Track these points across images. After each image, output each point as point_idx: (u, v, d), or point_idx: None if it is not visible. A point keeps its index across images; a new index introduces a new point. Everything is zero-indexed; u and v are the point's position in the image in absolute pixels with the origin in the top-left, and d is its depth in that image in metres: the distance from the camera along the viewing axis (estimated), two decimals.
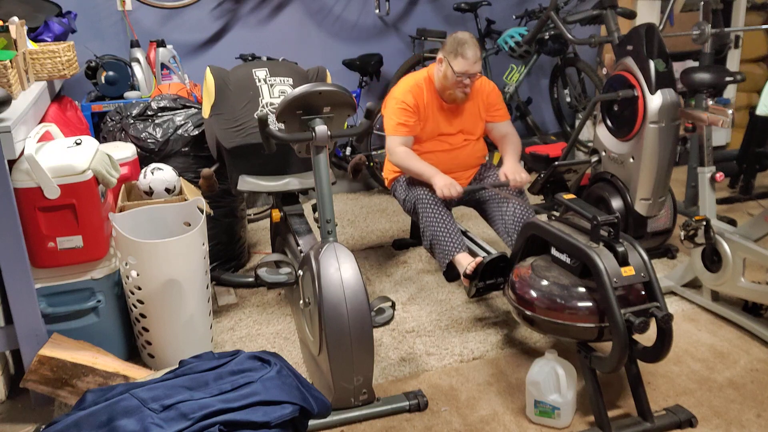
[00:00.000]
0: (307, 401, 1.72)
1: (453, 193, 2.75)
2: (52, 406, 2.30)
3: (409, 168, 2.89)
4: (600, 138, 3.01)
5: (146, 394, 1.64)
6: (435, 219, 2.79)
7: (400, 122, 2.91)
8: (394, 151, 2.91)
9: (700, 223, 2.63)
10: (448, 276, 2.81)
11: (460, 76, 2.82)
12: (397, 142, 2.91)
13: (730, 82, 2.84)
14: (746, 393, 2.27)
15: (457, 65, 2.80)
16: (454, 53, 2.81)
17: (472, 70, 2.82)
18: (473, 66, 2.81)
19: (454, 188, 2.75)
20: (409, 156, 2.89)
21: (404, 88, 2.96)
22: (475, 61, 2.82)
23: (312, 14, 4.27)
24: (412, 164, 2.87)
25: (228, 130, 2.74)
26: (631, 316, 1.89)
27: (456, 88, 2.87)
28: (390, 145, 2.94)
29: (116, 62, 3.52)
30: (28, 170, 2.17)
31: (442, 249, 2.75)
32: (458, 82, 2.84)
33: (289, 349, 2.61)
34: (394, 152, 2.91)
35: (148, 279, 2.32)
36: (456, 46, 2.82)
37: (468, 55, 2.80)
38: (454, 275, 2.79)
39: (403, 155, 2.89)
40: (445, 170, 2.90)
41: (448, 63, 2.84)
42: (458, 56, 2.80)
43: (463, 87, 2.86)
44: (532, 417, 2.15)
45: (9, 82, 2.29)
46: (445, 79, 2.88)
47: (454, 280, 2.84)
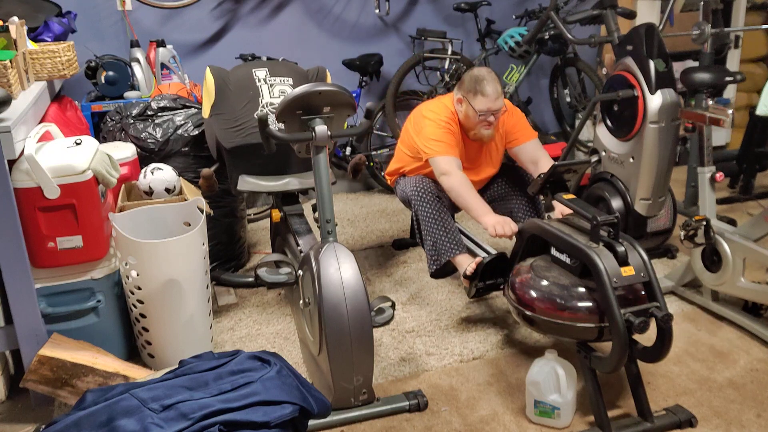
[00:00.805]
0: (307, 401, 1.72)
1: (507, 232, 2.55)
2: (52, 406, 2.30)
3: (461, 197, 2.70)
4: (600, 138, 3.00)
5: (146, 394, 1.64)
6: (431, 215, 2.78)
7: (449, 143, 2.77)
8: (451, 171, 2.72)
9: (700, 223, 2.64)
10: (437, 274, 2.79)
11: (483, 114, 2.73)
12: (453, 164, 2.74)
13: (730, 82, 2.84)
14: (746, 393, 2.27)
15: (478, 104, 2.71)
16: (473, 92, 2.72)
17: (495, 107, 2.72)
18: (495, 102, 2.71)
19: (509, 227, 2.55)
20: (465, 184, 2.71)
21: (441, 116, 2.83)
22: (497, 97, 2.72)
23: (312, 14, 4.27)
24: (466, 195, 2.69)
25: (228, 130, 2.74)
26: (631, 316, 1.89)
27: (480, 126, 2.77)
28: (444, 166, 2.74)
29: (116, 62, 3.52)
30: (28, 170, 2.17)
31: (441, 249, 2.74)
32: (482, 121, 2.75)
33: (289, 349, 2.61)
34: (451, 173, 2.72)
35: (148, 279, 2.32)
36: (474, 84, 2.72)
37: (488, 92, 2.69)
38: (443, 274, 2.78)
39: (460, 181, 2.71)
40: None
41: (468, 103, 2.74)
42: (478, 94, 2.71)
43: (487, 125, 2.77)
44: (532, 417, 2.15)
45: (9, 82, 2.29)
46: (468, 119, 2.78)
47: (441, 277, 2.83)
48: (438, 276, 2.83)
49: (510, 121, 2.94)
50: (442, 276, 2.83)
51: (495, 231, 2.56)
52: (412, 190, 2.84)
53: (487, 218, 2.62)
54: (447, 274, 2.81)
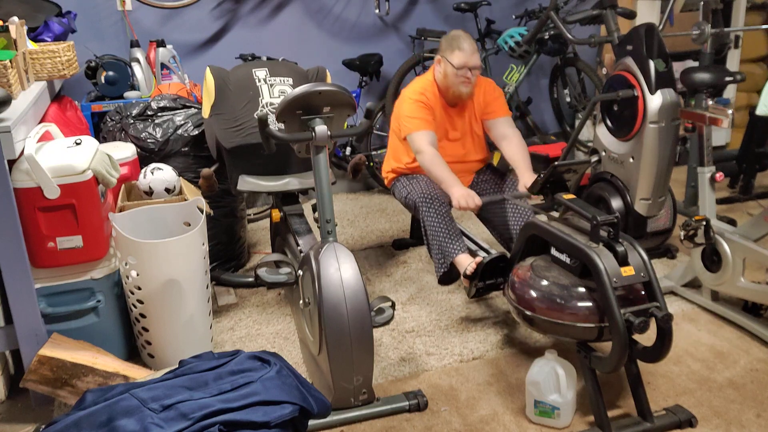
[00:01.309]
0: (307, 401, 1.72)
1: (471, 204, 2.66)
2: (52, 406, 2.30)
3: (433, 172, 2.78)
4: (600, 138, 3.00)
5: (146, 394, 1.64)
6: (436, 221, 2.79)
7: (421, 117, 2.85)
8: (422, 149, 2.79)
9: (700, 223, 2.63)
10: (444, 279, 2.79)
11: (461, 69, 2.81)
12: (424, 140, 2.81)
13: (730, 82, 2.84)
14: (746, 393, 2.27)
15: (456, 58, 2.81)
16: (450, 48, 2.83)
17: (472, 62, 2.81)
18: (472, 57, 2.81)
19: (472, 200, 2.67)
20: (436, 160, 2.78)
21: (417, 88, 2.94)
22: (473, 52, 2.82)
23: (312, 14, 4.27)
24: (437, 169, 2.76)
25: (228, 130, 2.74)
26: (630, 316, 1.89)
27: (459, 83, 2.85)
28: (417, 143, 2.82)
29: (116, 62, 3.52)
30: (28, 170, 2.17)
31: (443, 251, 2.74)
32: (460, 77, 2.83)
33: (289, 349, 2.61)
34: (423, 151, 2.79)
35: (148, 279, 2.32)
36: (451, 41, 2.84)
37: (464, 47, 2.80)
38: (450, 278, 2.78)
39: (431, 157, 2.78)
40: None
41: (446, 60, 2.84)
42: (455, 50, 2.81)
43: (466, 81, 2.84)
44: (532, 417, 2.15)
45: (9, 82, 2.29)
46: (446, 78, 2.87)
47: (449, 283, 2.83)
48: (445, 281, 2.81)
49: (491, 94, 3.03)
50: (450, 282, 2.81)
51: (458, 203, 2.67)
52: (420, 198, 2.84)
53: (455, 190, 2.72)
54: (453, 279, 2.79)
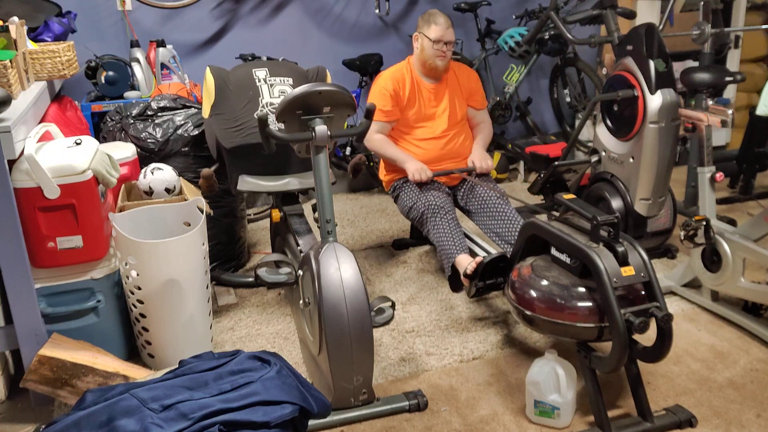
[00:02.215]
0: (307, 401, 1.72)
1: (423, 177, 2.89)
2: (52, 406, 2.30)
3: (384, 154, 3.03)
4: (600, 138, 3.01)
5: (146, 394, 1.64)
6: (442, 227, 2.80)
7: (381, 108, 2.96)
8: (370, 137, 3.00)
9: (700, 223, 2.63)
10: (454, 285, 2.79)
11: (437, 42, 2.93)
12: (373, 128, 2.98)
13: (730, 82, 2.84)
14: (746, 393, 2.27)
15: (432, 32, 2.93)
16: (427, 24, 2.96)
17: (447, 36, 2.94)
18: (447, 31, 2.94)
19: (425, 173, 2.90)
20: (384, 143, 3.01)
21: (386, 75, 3.06)
22: (448, 27, 2.95)
23: (312, 14, 4.27)
24: (387, 151, 3.01)
25: (228, 130, 2.74)
26: (631, 316, 1.89)
27: (435, 57, 2.96)
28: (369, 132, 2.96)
29: (116, 62, 3.52)
30: (28, 170, 2.17)
31: (447, 254, 2.75)
32: (436, 50, 2.95)
33: (289, 349, 2.61)
34: (370, 139, 3.01)
35: (148, 279, 2.32)
36: (427, 17, 2.97)
37: (440, 21, 2.94)
38: (459, 284, 2.77)
39: (378, 142, 3.01)
40: (435, 159, 3.01)
41: (423, 35, 2.97)
42: (431, 24, 2.94)
43: (442, 55, 2.96)
44: (532, 417, 2.15)
45: (9, 82, 2.29)
46: (423, 51, 2.99)
47: (459, 290, 2.81)
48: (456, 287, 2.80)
49: (475, 83, 3.18)
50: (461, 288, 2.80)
51: (413, 177, 2.90)
52: (425, 208, 2.88)
53: (409, 164, 2.94)
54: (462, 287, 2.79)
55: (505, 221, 2.87)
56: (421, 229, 2.95)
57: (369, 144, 3.03)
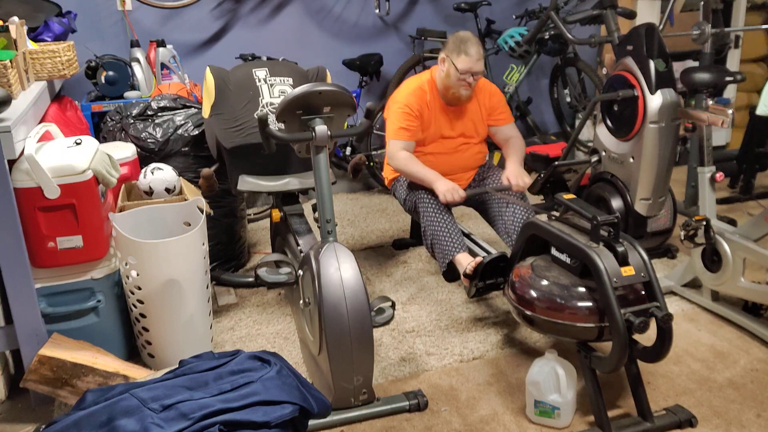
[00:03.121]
0: (307, 401, 1.72)
1: (456, 198, 2.73)
2: (52, 406, 2.30)
3: (411, 173, 2.87)
4: (600, 138, 3.01)
5: (146, 394, 1.64)
6: (436, 219, 2.80)
7: (402, 126, 2.88)
8: (395, 155, 2.88)
9: (700, 223, 2.63)
10: (448, 276, 2.81)
11: (464, 74, 2.81)
12: (398, 146, 2.88)
13: (730, 82, 2.84)
14: (746, 393, 2.27)
15: (461, 63, 2.80)
16: (457, 51, 2.81)
17: (476, 68, 2.82)
18: (477, 64, 2.81)
19: (457, 193, 2.74)
20: (410, 161, 2.86)
21: (407, 91, 2.94)
22: (479, 59, 2.82)
23: (312, 14, 4.27)
24: (414, 169, 2.85)
25: (228, 130, 2.74)
26: (631, 316, 1.89)
27: (460, 87, 2.85)
28: (391, 149, 2.91)
29: (116, 62, 3.52)
30: (28, 170, 2.17)
31: (443, 249, 2.75)
32: (461, 81, 2.83)
33: (289, 349, 2.61)
34: (395, 157, 2.88)
35: (148, 279, 2.32)
36: (459, 43, 2.82)
37: (471, 53, 2.79)
38: (454, 276, 2.79)
39: (404, 160, 2.86)
40: (445, 172, 2.90)
41: (450, 61, 2.83)
42: (461, 54, 2.80)
43: (466, 85, 2.85)
44: (532, 417, 2.15)
45: (9, 82, 2.29)
46: (448, 78, 2.86)
47: (454, 280, 2.84)
48: (451, 278, 2.82)
49: (497, 100, 3.06)
50: (455, 278, 2.82)
51: (444, 198, 2.74)
52: (420, 202, 2.87)
53: (438, 184, 2.77)
54: (458, 276, 2.80)
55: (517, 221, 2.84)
56: (417, 219, 2.92)
57: (393, 162, 2.89)
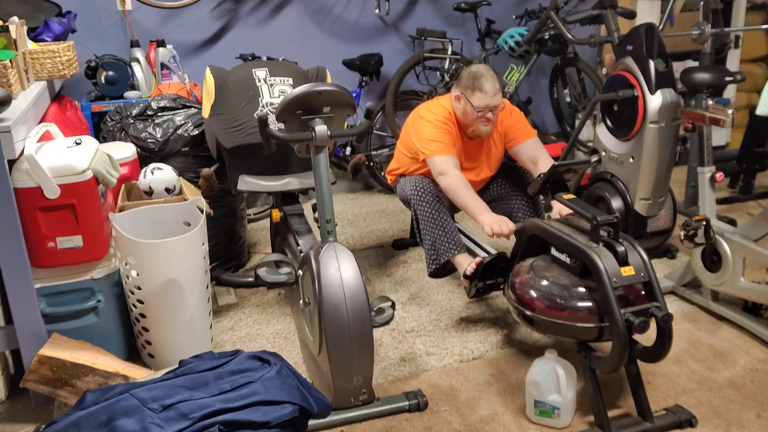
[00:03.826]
0: (307, 401, 1.72)
1: (504, 230, 2.55)
2: (52, 406, 2.30)
3: (459, 196, 2.70)
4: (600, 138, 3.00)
5: (146, 394, 1.64)
6: (430, 215, 2.78)
7: (446, 142, 2.76)
8: (447, 171, 2.71)
9: (700, 223, 2.64)
10: (436, 273, 2.79)
11: (481, 111, 2.72)
12: (450, 162, 2.73)
13: (730, 82, 2.84)
14: (746, 393, 2.27)
15: (476, 100, 2.70)
16: (471, 88, 2.71)
17: (493, 103, 2.72)
18: (494, 99, 2.71)
19: (506, 225, 2.55)
20: (463, 183, 2.71)
21: (438, 116, 2.82)
22: (495, 93, 2.71)
23: (312, 14, 4.27)
24: (464, 193, 2.69)
25: (228, 130, 2.74)
26: (630, 316, 1.89)
27: (479, 123, 2.76)
28: (441, 166, 2.74)
29: (116, 62, 3.52)
30: (28, 170, 2.17)
31: (438, 249, 2.74)
32: (480, 117, 2.74)
33: (289, 349, 2.61)
34: (448, 173, 2.71)
35: (148, 279, 2.32)
36: (472, 80, 2.71)
37: (486, 88, 2.69)
38: (442, 273, 2.77)
39: (458, 180, 2.70)
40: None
41: (466, 99, 2.74)
42: (476, 90, 2.70)
43: (485, 122, 2.76)
44: (532, 417, 2.15)
45: (9, 82, 2.29)
46: (466, 116, 2.77)
47: (440, 277, 2.83)
48: (436, 275, 2.83)
49: (509, 120, 2.94)
50: (441, 275, 2.83)
51: (492, 230, 2.55)
52: (411, 190, 2.84)
53: (485, 217, 2.62)
54: (446, 273, 2.82)
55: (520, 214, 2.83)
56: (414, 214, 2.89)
57: (445, 178, 2.70)
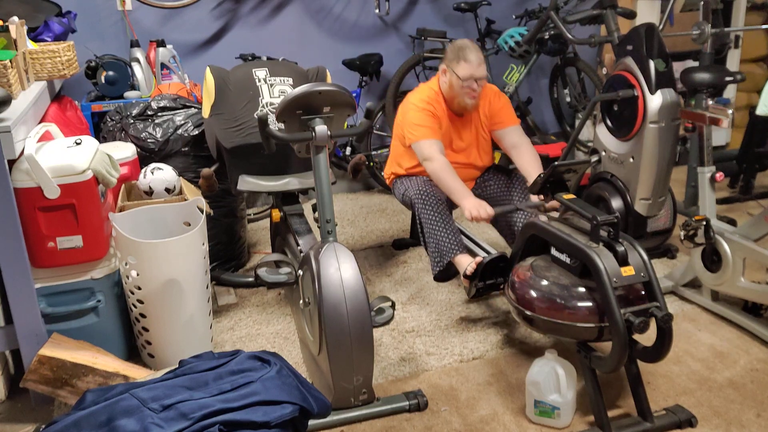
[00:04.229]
0: (307, 401, 1.72)
1: (483, 215, 2.63)
2: (52, 406, 2.30)
3: (444, 180, 2.75)
4: (600, 138, 3.00)
5: (146, 394, 1.64)
6: (434, 218, 2.79)
7: (429, 126, 2.82)
8: (432, 157, 2.76)
9: (700, 223, 2.63)
10: (440, 277, 2.79)
11: (467, 81, 2.78)
12: (434, 147, 2.78)
13: (730, 82, 2.84)
14: (746, 393, 2.27)
15: (461, 70, 2.78)
16: (456, 59, 2.78)
17: (478, 74, 2.78)
18: (478, 69, 2.78)
19: (485, 210, 2.64)
20: (447, 167, 2.76)
21: (423, 97, 2.89)
22: (479, 64, 2.78)
23: (312, 14, 4.27)
24: (448, 178, 2.74)
25: (228, 130, 2.74)
26: (630, 316, 1.89)
27: (464, 95, 2.82)
28: (426, 151, 2.79)
29: (116, 62, 3.52)
30: (28, 170, 2.17)
31: (440, 250, 2.74)
32: (465, 88, 2.80)
33: (289, 349, 2.61)
34: (433, 158, 2.76)
35: (148, 279, 2.32)
36: (457, 51, 2.79)
37: (471, 59, 2.77)
38: (447, 276, 2.78)
39: (442, 165, 2.75)
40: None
41: (452, 71, 2.81)
42: (461, 61, 2.77)
43: (471, 92, 2.81)
44: (532, 417, 2.15)
45: (9, 82, 2.29)
46: (451, 88, 2.84)
47: (445, 280, 2.83)
48: (441, 279, 2.81)
49: (496, 104, 3.00)
50: (446, 279, 2.82)
51: (471, 214, 2.64)
52: (415, 194, 2.85)
53: (466, 201, 2.69)
54: (450, 277, 2.80)
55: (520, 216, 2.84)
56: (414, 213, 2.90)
57: (430, 164, 2.76)
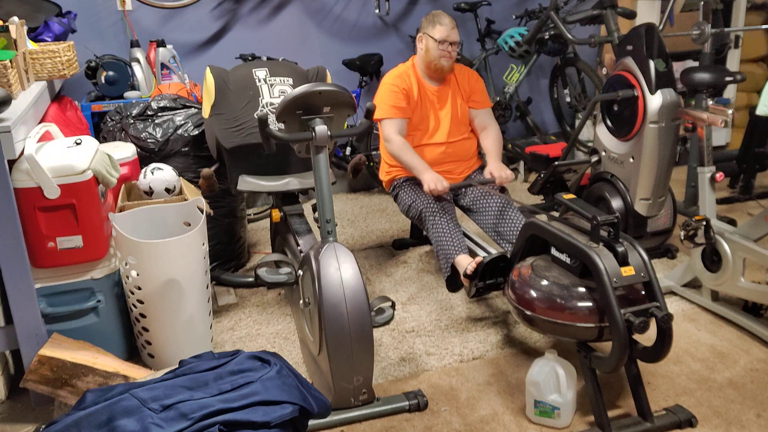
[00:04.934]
0: (307, 401, 1.72)
1: (439, 188, 2.77)
2: (52, 406, 2.30)
3: (402, 159, 2.90)
4: (600, 138, 3.01)
5: (146, 394, 1.64)
6: (439, 224, 2.80)
7: (392, 104, 2.93)
8: (391, 138, 2.91)
9: (700, 223, 2.63)
10: (451, 285, 2.78)
11: (442, 43, 2.91)
12: (392, 128, 2.92)
13: (730, 82, 2.84)
14: (746, 393, 2.27)
15: (437, 33, 2.91)
16: (432, 24, 2.94)
17: (452, 36, 2.92)
18: (452, 31, 2.93)
19: (441, 184, 2.78)
20: (405, 147, 2.90)
21: (392, 74, 3.03)
22: (453, 27, 2.94)
23: (312, 14, 4.27)
24: (407, 156, 2.89)
25: (228, 130, 2.74)
26: (631, 316, 1.89)
27: (440, 57, 2.94)
28: (386, 131, 2.94)
29: (116, 62, 3.52)
30: (28, 170, 2.17)
31: (446, 253, 2.75)
32: (442, 51, 2.92)
33: (289, 349, 2.61)
34: (391, 140, 2.91)
35: (148, 279, 2.32)
36: (432, 18, 2.96)
37: (445, 22, 2.93)
38: (457, 285, 2.77)
39: (399, 145, 2.90)
40: (439, 162, 2.97)
41: (427, 35, 2.95)
42: (437, 25, 2.92)
43: (447, 55, 2.94)
44: (532, 417, 2.15)
45: (9, 82, 2.29)
46: (428, 53, 2.96)
47: (456, 290, 2.81)
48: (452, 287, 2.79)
49: (476, 84, 3.12)
50: (457, 288, 2.80)
51: (428, 187, 2.77)
52: (424, 207, 2.87)
53: (425, 175, 2.82)
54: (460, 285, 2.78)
55: (507, 220, 2.86)
56: (421, 227, 2.94)
57: (389, 146, 2.92)
